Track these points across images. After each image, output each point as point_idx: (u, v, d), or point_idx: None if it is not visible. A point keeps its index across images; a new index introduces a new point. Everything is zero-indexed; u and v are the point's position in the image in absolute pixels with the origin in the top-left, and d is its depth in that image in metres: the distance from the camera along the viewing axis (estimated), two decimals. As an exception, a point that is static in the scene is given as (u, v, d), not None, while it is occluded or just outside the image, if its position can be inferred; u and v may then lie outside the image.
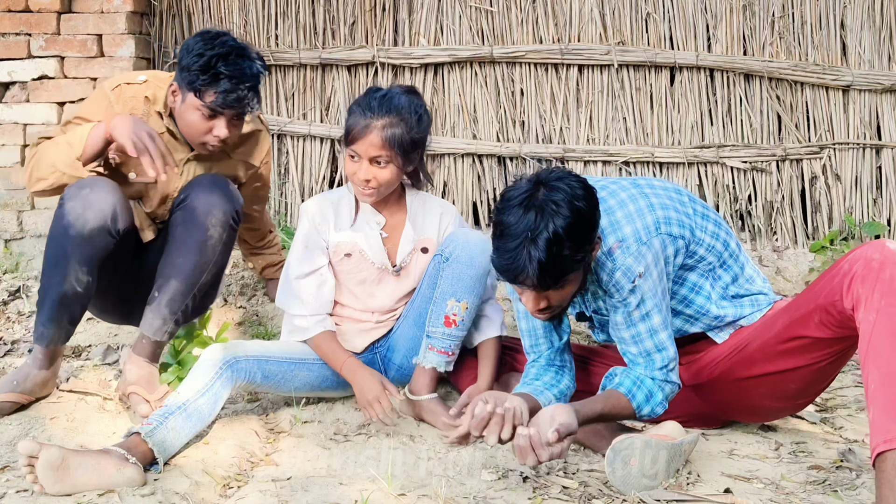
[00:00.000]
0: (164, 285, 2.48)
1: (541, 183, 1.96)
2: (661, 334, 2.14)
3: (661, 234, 2.13)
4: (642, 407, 2.13)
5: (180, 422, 2.16)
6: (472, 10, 4.06)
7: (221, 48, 2.42)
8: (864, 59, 3.95)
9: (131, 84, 2.58)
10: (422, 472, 2.10)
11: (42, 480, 1.91)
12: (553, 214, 1.91)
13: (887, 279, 1.86)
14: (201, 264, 2.49)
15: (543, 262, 1.90)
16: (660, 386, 2.15)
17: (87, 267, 2.39)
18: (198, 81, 2.41)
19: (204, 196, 2.49)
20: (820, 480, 2.07)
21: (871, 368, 1.81)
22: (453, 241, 2.46)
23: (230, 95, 2.41)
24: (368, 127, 2.36)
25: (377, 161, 2.38)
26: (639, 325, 2.14)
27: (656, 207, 2.15)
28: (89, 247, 2.38)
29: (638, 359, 2.16)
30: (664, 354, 2.15)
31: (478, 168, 4.11)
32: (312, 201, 2.57)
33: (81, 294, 2.42)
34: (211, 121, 2.47)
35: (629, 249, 2.09)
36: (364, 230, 2.52)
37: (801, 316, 2.08)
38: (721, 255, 2.25)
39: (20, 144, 4.02)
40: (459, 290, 2.41)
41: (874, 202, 4.00)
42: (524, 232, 1.91)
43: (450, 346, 2.42)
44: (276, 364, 2.42)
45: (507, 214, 1.95)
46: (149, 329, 2.49)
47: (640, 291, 2.10)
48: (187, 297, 2.50)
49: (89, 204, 2.36)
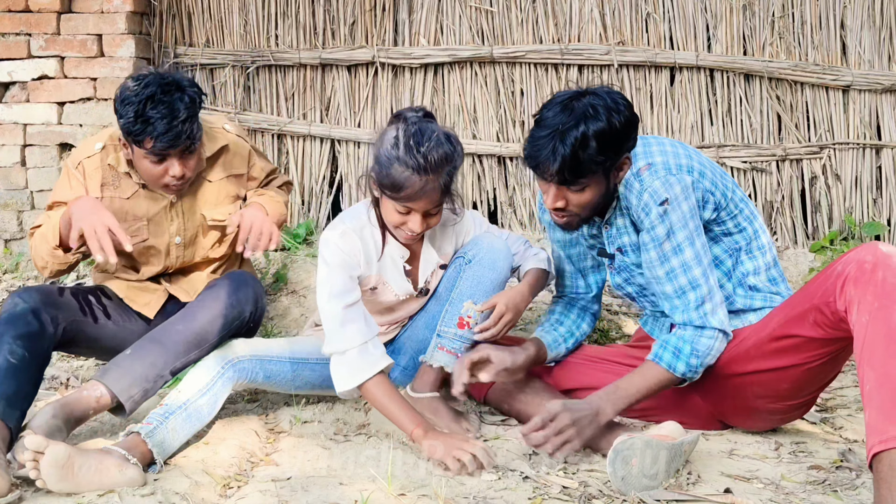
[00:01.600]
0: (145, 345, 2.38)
1: (588, 91, 2.11)
2: (695, 270, 2.18)
3: (691, 176, 2.19)
4: (674, 366, 2.17)
5: (180, 422, 2.16)
6: (472, 10, 4.06)
7: (146, 90, 2.39)
8: (864, 59, 3.94)
9: (91, 157, 2.59)
10: (422, 472, 2.10)
11: (45, 477, 1.91)
12: (588, 118, 2.05)
13: (880, 281, 1.87)
14: (200, 335, 2.40)
15: (567, 156, 2.05)
16: (691, 337, 2.17)
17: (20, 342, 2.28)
18: (133, 131, 2.40)
19: (228, 285, 2.49)
20: (820, 480, 2.07)
21: (867, 370, 1.82)
22: (478, 244, 2.44)
23: (167, 136, 2.39)
24: (428, 185, 2.19)
25: (430, 212, 2.28)
26: (671, 259, 2.18)
27: (694, 159, 2.24)
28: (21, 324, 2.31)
29: (674, 300, 2.21)
30: (698, 293, 2.18)
31: (478, 168, 4.11)
32: (336, 234, 2.34)
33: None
34: (162, 164, 2.47)
35: (657, 173, 2.17)
36: (388, 265, 2.45)
37: (796, 315, 2.09)
38: (750, 241, 2.29)
39: (20, 144, 4.02)
40: (478, 293, 2.40)
41: (874, 202, 4.00)
42: (556, 125, 2.06)
43: (460, 347, 2.41)
44: (277, 363, 2.41)
45: (548, 109, 2.11)
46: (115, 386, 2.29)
47: (669, 221, 2.16)
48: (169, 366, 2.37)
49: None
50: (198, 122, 2.48)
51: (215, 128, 2.74)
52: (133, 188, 2.61)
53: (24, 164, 4.04)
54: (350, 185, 4.17)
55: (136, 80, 2.44)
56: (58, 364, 2.97)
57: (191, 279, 2.74)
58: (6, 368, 2.20)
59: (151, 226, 2.64)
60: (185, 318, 2.41)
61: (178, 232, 2.67)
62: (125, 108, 2.41)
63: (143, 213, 2.62)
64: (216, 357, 2.32)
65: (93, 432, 2.38)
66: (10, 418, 2.14)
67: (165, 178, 2.50)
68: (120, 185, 2.60)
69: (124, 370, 2.28)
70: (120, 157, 2.59)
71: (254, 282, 2.54)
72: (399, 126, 2.24)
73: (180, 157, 2.48)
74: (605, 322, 3.34)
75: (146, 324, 2.68)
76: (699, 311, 2.18)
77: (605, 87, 2.14)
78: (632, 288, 2.40)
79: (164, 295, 2.70)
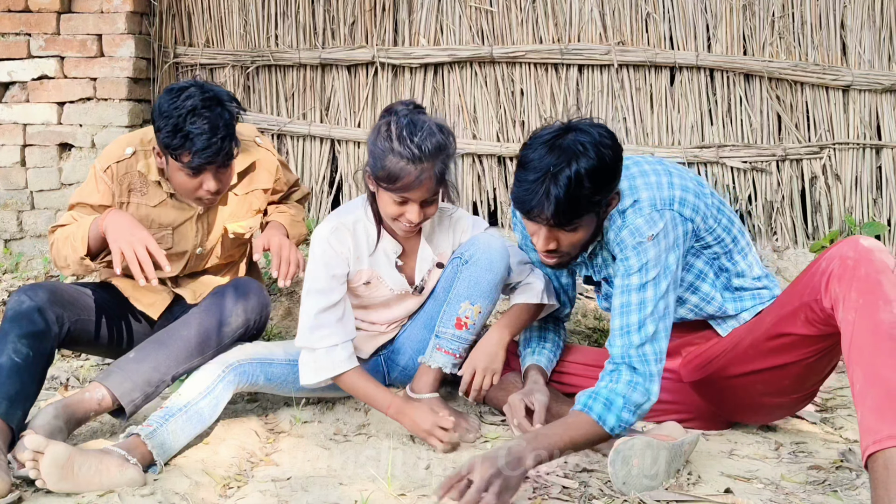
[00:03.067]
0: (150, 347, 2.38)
1: (571, 128, 2.03)
2: (648, 308, 2.06)
3: (675, 211, 2.13)
4: (605, 419, 1.98)
5: (180, 424, 2.16)
6: (472, 10, 4.06)
7: (187, 102, 2.35)
8: (864, 59, 3.94)
9: (121, 161, 2.55)
10: (422, 472, 2.10)
11: (45, 476, 1.91)
12: (578, 155, 1.98)
13: (863, 276, 1.86)
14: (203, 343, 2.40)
15: (561, 198, 1.97)
16: (624, 389, 2.00)
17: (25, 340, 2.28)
18: (172, 145, 2.37)
19: (233, 293, 2.49)
20: (820, 480, 2.07)
21: (856, 369, 1.81)
22: (475, 244, 2.43)
23: (206, 152, 2.36)
24: (423, 174, 2.22)
25: (427, 202, 2.29)
26: (632, 293, 2.08)
27: (676, 186, 2.17)
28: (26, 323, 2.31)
29: (616, 337, 2.08)
30: (643, 334, 2.04)
31: (478, 168, 4.11)
32: (328, 229, 2.40)
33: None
34: (197, 177, 2.44)
35: (641, 211, 2.11)
36: (381, 260, 2.46)
37: (787, 314, 2.08)
38: (729, 249, 2.27)
39: (20, 144, 4.02)
40: (475, 293, 2.39)
41: (874, 202, 4.00)
42: (547, 167, 1.98)
43: (458, 348, 2.41)
44: (278, 366, 2.42)
45: (533, 150, 2.02)
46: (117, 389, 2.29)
47: (645, 256, 2.08)
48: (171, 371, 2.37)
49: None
50: (236, 139, 2.45)
51: (247, 141, 2.71)
52: (161, 197, 2.59)
53: (23, 164, 4.04)
54: (350, 184, 4.17)
55: (176, 92, 2.39)
56: (58, 364, 2.97)
57: (198, 281, 2.74)
58: (10, 368, 2.20)
59: (176, 235, 2.63)
60: (190, 323, 2.40)
61: (201, 242, 2.67)
62: (164, 120, 2.36)
63: (168, 223, 2.61)
64: (218, 360, 2.33)
65: (93, 433, 2.38)
66: (12, 418, 2.14)
67: (199, 192, 2.48)
68: (148, 193, 2.58)
69: (127, 374, 2.28)
70: (150, 164, 2.56)
71: (259, 290, 2.54)
72: (391, 119, 2.27)
73: (216, 171, 2.45)
74: (605, 322, 3.34)
75: (150, 325, 2.67)
76: (639, 351, 2.04)
77: (586, 119, 2.06)
78: None
79: (170, 296, 2.70)
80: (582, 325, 3.32)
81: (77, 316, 2.46)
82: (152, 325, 2.67)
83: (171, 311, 2.68)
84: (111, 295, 2.64)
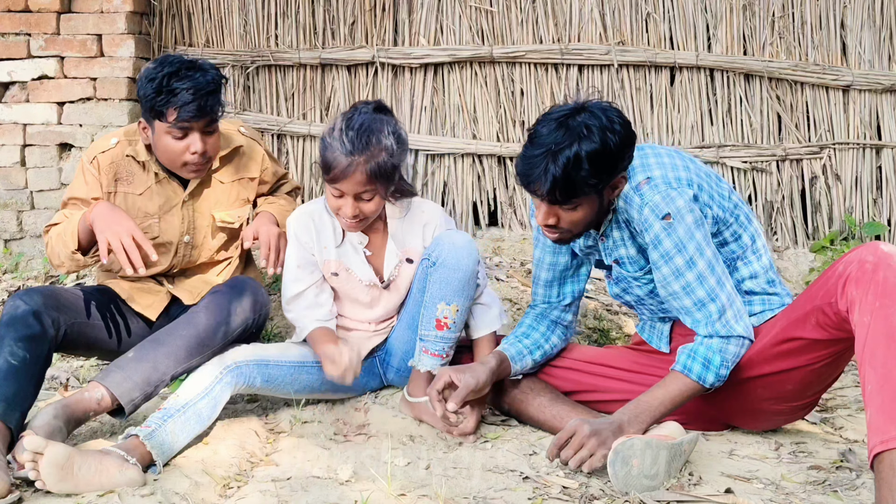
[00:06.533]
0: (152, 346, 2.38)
1: (583, 108, 2.05)
2: (711, 280, 2.14)
3: (693, 189, 2.15)
4: (704, 377, 2.13)
5: (179, 424, 2.15)
6: (472, 10, 4.06)
7: (171, 67, 2.43)
8: (864, 59, 3.95)
9: (106, 151, 2.59)
10: (422, 472, 2.10)
11: (45, 477, 1.91)
12: (582, 138, 2.00)
13: (881, 281, 1.87)
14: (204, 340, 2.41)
15: (558, 177, 2.00)
16: (719, 346, 2.13)
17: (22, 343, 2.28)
18: (157, 104, 2.41)
19: (230, 291, 2.50)
20: (820, 480, 2.07)
21: (868, 370, 1.83)
22: (439, 245, 2.43)
23: (191, 106, 2.41)
24: (351, 166, 2.29)
25: (362, 197, 2.35)
26: (686, 273, 2.14)
27: (691, 170, 2.20)
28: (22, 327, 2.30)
29: (695, 314, 2.17)
30: (718, 303, 2.14)
31: (478, 168, 4.11)
32: (293, 218, 2.53)
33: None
34: (184, 139, 2.47)
35: (657, 187, 2.13)
36: (348, 250, 2.51)
37: (798, 317, 2.09)
38: (746, 248, 2.27)
39: (20, 144, 4.02)
40: (448, 293, 2.40)
41: (874, 202, 4.00)
42: (549, 144, 2.01)
43: (443, 348, 2.43)
44: (276, 368, 2.41)
45: (542, 125, 2.06)
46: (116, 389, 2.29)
47: (676, 235, 2.11)
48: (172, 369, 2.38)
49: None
50: (220, 101, 2.50)
51: (230, 129, 2.74)
52: (146, 184, 2.60)
53: (23, 165, 4.04)
54: (350, 185, 4.17)
55: (159, 60, 2.48)
56: (58, 364, 2.97)
57: (195, 281, 2.74)
58: (6, 370, 2.20)
59: (162, 223, 2.64)
60: (188, 323, 2.40)
61: (188, 231, 2.67)
62: (148, 83, 2.42)
63: (154, 210, 2.63)
64: (215, 361, 2.32)
65: (92, 433, 2.38)
66: (10, 419, 2.14)
67: (186, 154, 2.49)
68: (133, 181, 2.60)
69: (126, 374, 2.28)
70: (138, 148, 2.59)
71: (257, 289, 2.54)
72: (346, 114, 2.38)
73: (202, 132, 2.48)
74: (605, 322, 3.34)
75: (148, 326, 2.68)
76: (722, 320, 2.14)
77: (604, 102, 2.08)
78: (630, 297, 2.39)
79: (167, 297, 2.70)
80: (582, 325, 3.32)
81: (73, 319, 2.46)
82: (150, 327, 2.67)
83: (169, 312, 2.68)
84: (108, 298, 2.64)
